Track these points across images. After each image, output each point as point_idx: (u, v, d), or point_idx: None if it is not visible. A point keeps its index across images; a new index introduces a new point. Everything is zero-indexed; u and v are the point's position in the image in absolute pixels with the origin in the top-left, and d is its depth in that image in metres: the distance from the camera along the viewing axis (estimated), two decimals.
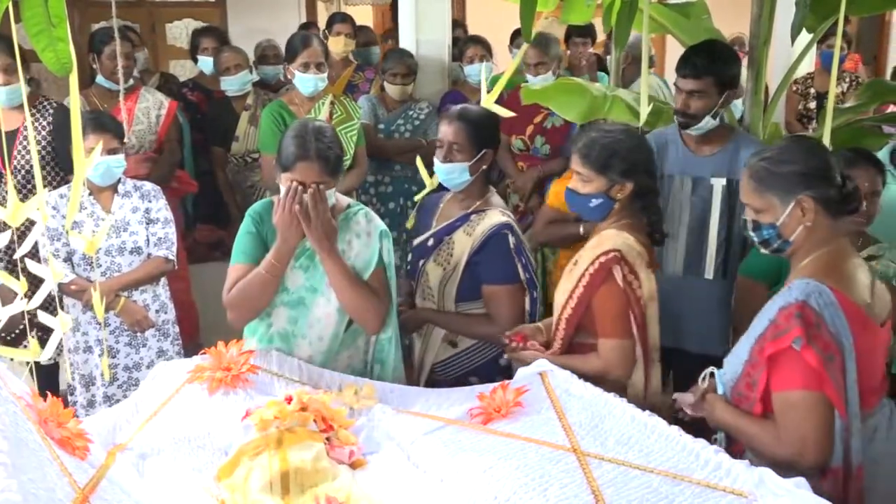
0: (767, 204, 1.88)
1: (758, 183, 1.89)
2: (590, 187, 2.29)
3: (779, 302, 1.85)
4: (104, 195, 3.14)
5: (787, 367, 1.81)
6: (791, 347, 1.79)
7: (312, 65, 3.63)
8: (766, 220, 1.90)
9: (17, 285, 1.69)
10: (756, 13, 3.07)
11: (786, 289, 1.87)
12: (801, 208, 1.84)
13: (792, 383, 1.81)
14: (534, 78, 4.07)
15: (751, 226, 1.94)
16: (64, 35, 1.55)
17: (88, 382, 3.18)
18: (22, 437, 1.53)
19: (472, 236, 2.55)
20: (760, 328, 1.88)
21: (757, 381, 1.88)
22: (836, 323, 1.81)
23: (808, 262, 1.88)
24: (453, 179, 2.59)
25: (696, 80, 2.76)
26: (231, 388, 2.13)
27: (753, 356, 1.89)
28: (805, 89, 5.19)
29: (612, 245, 2.24)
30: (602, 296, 2.24)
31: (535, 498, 1.65)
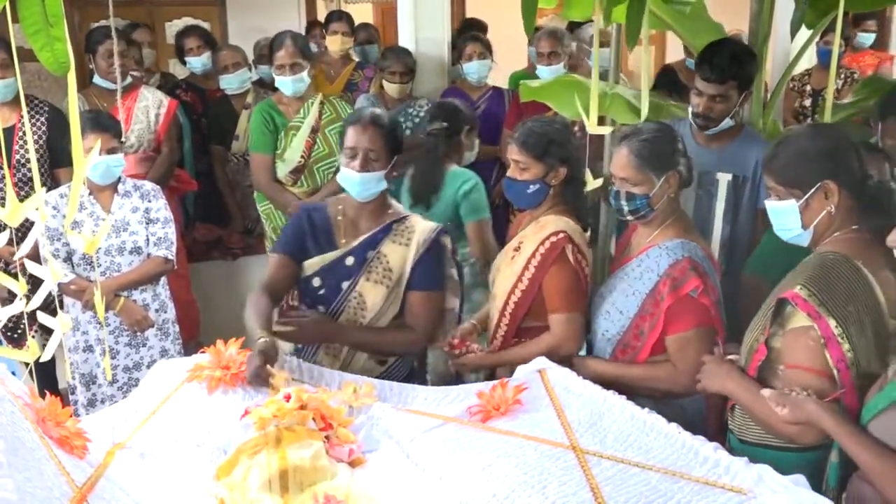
0: (645, 178, 2.23)
1: (639, 160, 2.22)
2: (528, 174, 2.43)
3: (665, 260, 2.20)
4: (104, 195, 3.14)
5: (685, 312, 2.18)
6: (689, 295, 2.17)
7: (287, 66, 3.65)
8: (641, 192, 2.24)
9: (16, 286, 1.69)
10: (756, 10, 3.06)
11: (662, 249, 2.23)
12: (668, 182, 2.24)
13: (688, 325, 2.19)
14: (546, 68, 4.06)
15: (624, 196, 2.26)
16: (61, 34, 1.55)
17: (89, 382, 3.19)
18: (19, 436, 1.53)
19: (410, 245, 2.45)
20: (648, 284, 2.23)
21: (647, 330, 2.24)
22: (710, 272, 2.23)
23: (669, 224, 2.28)
24: (369, 189, 2.43)
25: (720, 84, 2.74)
26: (230, 387, 2.13)
27: (646, 308, 2.24)
28: (801, 86, 5.18)
29: (556, 227, 2.42)
30: (553, 274, 2.41)
31: (534, 495, 1.65)
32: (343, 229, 2.50)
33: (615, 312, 2.33)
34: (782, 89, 3.44)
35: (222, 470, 1.84)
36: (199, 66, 4.59)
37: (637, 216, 2.29)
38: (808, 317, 1.77)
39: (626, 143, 2.27)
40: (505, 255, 2.57)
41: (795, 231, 1.95)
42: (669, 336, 2.23)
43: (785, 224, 1.96)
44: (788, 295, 1.81)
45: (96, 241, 2.06)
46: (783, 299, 1.82)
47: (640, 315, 2.27)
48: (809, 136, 1.95)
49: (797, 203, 1.91)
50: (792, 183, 1.91)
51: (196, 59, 4.57)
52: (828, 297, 1.76)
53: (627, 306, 2.30)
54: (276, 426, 1.88)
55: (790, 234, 1.98)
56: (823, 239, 1.93)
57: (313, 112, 3.73)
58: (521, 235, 2.52)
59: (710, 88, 2.74)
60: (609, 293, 2.39)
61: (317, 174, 3.77)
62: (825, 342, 1.75)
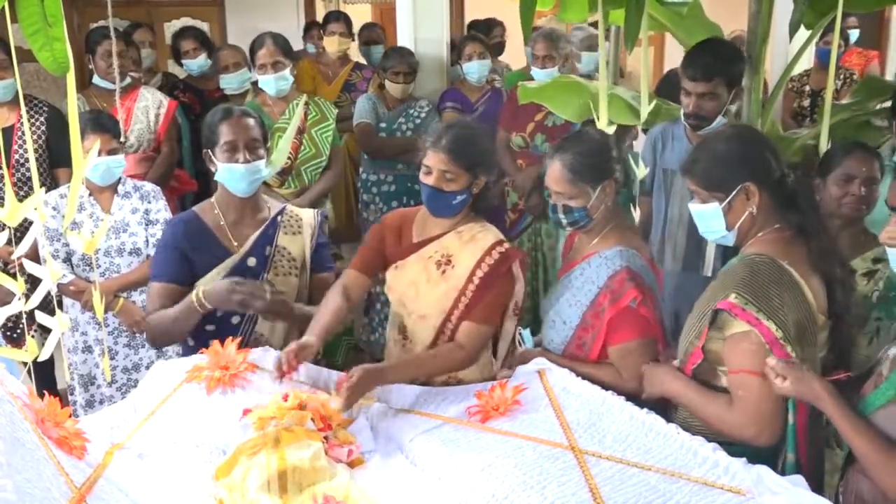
0: (580, 191, 2.20)
1: (573, 174, 2.19)
2: (455, 185, 2.25)
3: (605, 271, 2.18)
4: (104, 196, 3.14)
5: (625, 323, 2.15)
6: (628, 307, 2.14)
7: (268, 65, 3.66)
8: (578, 205, 2.21)
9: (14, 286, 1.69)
10: (754, 10, 3.06)
11: (602, 258, 2.21)
12: (605, 192, 2.21)
13: (629, 335, 2.15)
14: (540, 71, 4.07)
15: (562, 209, 2.23)
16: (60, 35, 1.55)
17: (87, 382, 3.18)
18: (18, 437, 1.52)
19: (303, 232, 2.54)
20: (589, 295, 2.20)
21: (590, 342, 2.21)
22: (649, 280, 2.22)
23: (610, 231, 2.26)
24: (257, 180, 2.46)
25: (706, 82, 2.76)
26: (229, 388, 2.13)
27: (587, 320, 2.21)
28: (800, 87, 5.18)
29: (494, 238, 2.31)
30: (498, 287, 2.29)
31: (533, 496, 1.65)
32: (229, 233, 2.48)
33: (559, 322, 2.31)
34: (781, 90, 3.44)
35: (221, 470, 1.84)
36: (195, 67, 4.59)
37: (577, 227, 2.27)
38: (748, 324, 1.79)
39: (559, 157, 2.22)
40: (423, 270, 2.32)
41: (720, 232, 1.99)
42: (612, 346, 2.21)
43: (710, 226, 2.00)
44: (725, 305, 1.82)
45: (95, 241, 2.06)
46: (718, 309, 1.84)
47: (582, 327, 2.24)
48: (728, 140, 1.99)
49: (720, 205, 1.94)
50: (714, 186, 1.95)
51: (192, 61, 4.57)
52: (763, 303, 1.79)
53: (570, 317, 2.28)
54: (275, 427, 1.88)
55: (715, 236, 2.02)
56: (748, 238, 1.96)
57: (298, 113, 3.73)
58: (441, 248, 2.32)
59: (698, 87, 2.77)
60: (556, 300, 2.35)
61: (304, 175, 3.77)
62: (769, 347, 1.78)
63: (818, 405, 1.70)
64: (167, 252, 2.45)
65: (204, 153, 2.51)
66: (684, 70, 2.83)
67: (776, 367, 1.74)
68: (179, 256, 2.42)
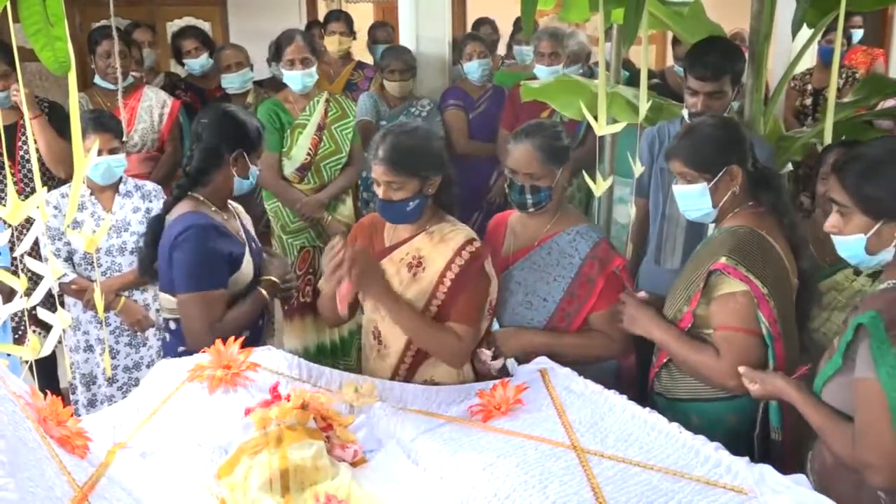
0: (548, 172, 2.35)
1: (544, 154, 2.34)
2: (403, 192, 2.22)
3: (584, 244, 2.37)
4: (105, 195, 3.14)
5: (612, 289, 2.36)
6: (614, 273, 2.37)
7: (297, 61, 3.65)
8: (544, 185, 2.36)
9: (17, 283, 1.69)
10: (757, 9, 3.06)
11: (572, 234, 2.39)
12: (563, 175, 2.39)
13: (614, 300, 2.34)
14: (545, 68, 4.06)
15: (529, 189, 2.36)
16: (62, 34, 1.55)
17: (89, 381, 3.19)
18: (20, 436, 1.52)
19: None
20: (571, 269, 2.36)
21: (574, 312, 2.37)
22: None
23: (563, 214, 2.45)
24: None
25: (714, 81, 2.75)
26: (231, 387, 2.13)
27: (573, 292, 2.36)
28: (802, 85, 5.17)
29: (465, 237, 2.28)
30: (470, 287, 2.26)
31: (535, 495, 1.65)
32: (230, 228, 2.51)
33: (538, 301, 2.40)
34: (783, 88, 3.44)
35: (223, 469, 1.84)
36: (197, 67, 4.58)
37: (538, 207, 2.39)
38: (740, 282, 2.03)
39: (529, 140, 2.36)
40: (395, 273, 2.31)
41: (705, 210, 2.21)
42: (600, 312, 2.38)
43: (696, 204, 2.21)
44: (719, 266, 2.06)
45: (96, 239, 2.06)
46: (713, 270, 2.07)
47: (567, 299, 2.38)
48: (715, 126, 2.21)
49: (708, 185, 2.17)
50: (702, 167, 2.17)
51: (194, 60, 4.56)
52: (751, 264, 2.05)
53: (551, 293, 2.39)
54: (277, 426, 1.88)
55: (699, 214, 2.24)
56: (726, 216, 2.21)
57: (319, 110, 3.74)
58: (412, 250, 2.31)
59: (707, 86, 2.76)
60: (519, 285, 2.43)
61: (323, 171, 3.78)
62: (758, 302, 2.03)
63: (783, 397, 1.91)
64: (215, 260, 2.40)
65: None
66: (690, 70, 2.82)
67: (747, 374, 1.99)
68: (225, 260, 2.42)
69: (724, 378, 2.07)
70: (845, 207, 1.76)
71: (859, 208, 1.73)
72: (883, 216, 1.71)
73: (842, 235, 1.79)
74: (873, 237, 1.73)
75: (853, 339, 1.68)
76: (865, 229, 1.74)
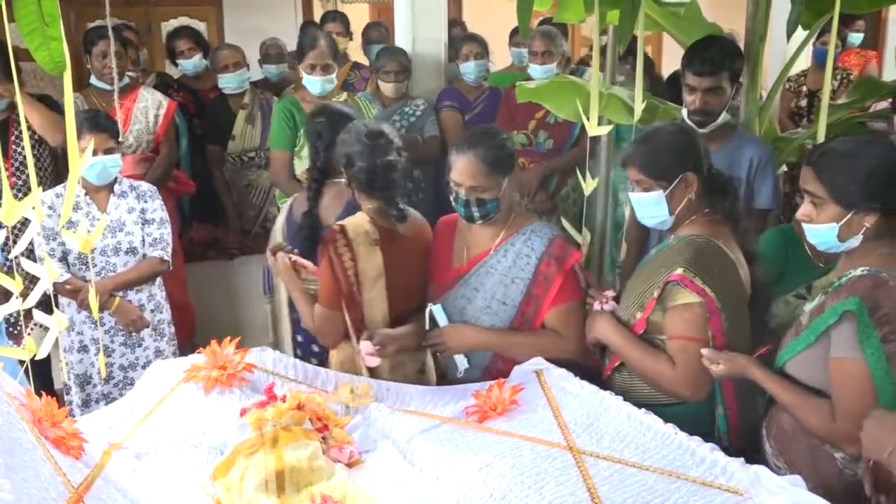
0: (494, 183, 2.30)
1: (488, 166, 2.28)
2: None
3: (539, 241, 2.34)
4: (100, 195, 3.13)
5: (568, 285, 2.33)
6: (573, 269, 2.34)
7: (319, 66, 3.63)
8: (491, 196, 2.30)
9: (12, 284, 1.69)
10: (752, 10, 3.06)
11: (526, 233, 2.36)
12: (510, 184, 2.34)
13: (572, 295, 2.34)
14: (539, 67, 4.06)
15: (475, 202, 2.31)
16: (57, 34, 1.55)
17: (84, 382, 3.18)
18: (15, 437, 1.52)
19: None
20: (529, 269, 2.32)
21: (532, 314, 2.34)
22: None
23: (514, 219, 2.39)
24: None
25: (712, 76, 2.74)
26: (227, 387, 2.13)
27: (531, 293, 2.33)
28: (797, 87, 5.18)
29: (341, 223, 2.41)
30: (320, 268, 2.43)
31: (531, 496, 1.65)
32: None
33: (497, 304, 2.35)
34: (778, 90, 3.44)
35: (219, 470, 1.84)
36: (191, 67, 4.57)
37: (486, 220, 2.34)
38: (697, 295, 2.05)
39: (473, 151, 2.29)
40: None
41: (662, 217, 2.21)
42: (555, 307, 2.33)
43: (652, 212, 2.21)
44: (677, 277, 2.07)
45: (91, 240, 2.06)
46: (669, 281, 2.09)
47: (525, 301, 2.34)
48: (670, 134, 2.22)
49: (664, 193, 2.17)
50: (658, 175, 2.17)
51: (188, 61, 4.55)
52: (707, 277, 2.07)
53: (510, 295, 2.35)
54: (272, 426, 1.88)
55: (656, 221, 2.23)
56: (682, 222, 2.21)
57: None
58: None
59: (705, 82, 2.75)
60: (477, 291, 2.38)
61: None
62: (709, 315, 2.06)
63: (747, 375, 1.98)
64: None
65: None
66: (688, 66, 2.81)
67: (709, 356, 2.03)
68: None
69: (678, 387, 2.11)
70: (818, 198, 1.84)
71: (832, 199, 1.81)
72: (854, 206, 1.80)
73: (813, 224, 1.87)
74: (844, 226, 1.82)
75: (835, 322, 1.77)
76: (838, 219, 1.82)
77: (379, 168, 2.42)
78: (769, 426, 2.00)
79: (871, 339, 1.71)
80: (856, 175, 1.79)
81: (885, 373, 1.71)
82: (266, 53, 4.80)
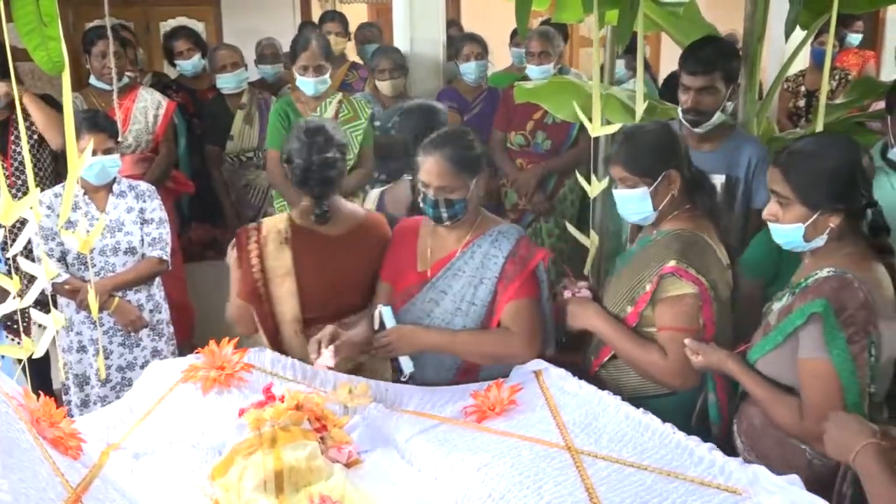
0: (462, 183, 2.27)
1: (456, 166, 2.26)
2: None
3: (505, 242, 2.31)
4: (99, 195, 3.13)
5: (527, 283, 2.29)
6: (536, 269, 2.30)
7: (311, 68, 3.63)
8: (459, 197, 2.27)
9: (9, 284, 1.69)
10: (750, 10, 3.06)
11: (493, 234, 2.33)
12: (478, 185, 2.32)
13: (525, 293, 2.29)
14: (536, 68, 4.06)
15: (444, 203, 2.27)
16: (56, 34, 1.55)
17: (82, 382, 3.18)
18: (13, 437, 1.52)
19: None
20: (496, 268, 2.29)
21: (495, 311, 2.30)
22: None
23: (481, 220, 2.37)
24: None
25: (705, 75, 2.74)
26: (225, 388, 2.13)
27: (499, 291, 2.29)
28: (796, 87, 5.18)
29: (260, 221, 2.53)
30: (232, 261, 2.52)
31: (530, 496, 1.65)
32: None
33: (466, 306, 2.32)
34: (776, 90, 3.45)
35: (217, 470, 1.84)
36: (190, 68, 4.57)
37: (454, 220, 2.31)
38: (692, 284, 2.10)
39: (440, 151, 2.27)
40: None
41: (646, 213, 2.25)
42: (510, 302, 2.29)
43: (637, 208, 2.25)
44: (671, 269, 2.12)
45: (90, 240, 2.06)
46: (663, 274, 2.13)
47: (493, 300, 2.31)
48: (653, 133, 2.26)
49: (648, 189, 2.21)
50: (643, 172, 2.21)
51: (187, 61, 4.55)
52: (699, 267, 2.12)
53: (479, 296, 2.31)
54: (271, 427, 1.88)
55: (640, 217, 2.28)
56: (665, 218, 2.26)
57: (330, 110, 3.71)
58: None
59: (697, 81, 2.75)
60: (443, 294, 2.34)
61: None
62: (702, 304, 2.11)
63: (724, 369, 2.03)
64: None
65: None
66: (683, 66, 2.82)
67: (691, 346, 2.08)
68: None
69: (669, 377, 2.15)
70: (785, 198, 1.88)
71: (798, 199, 1.86)
72: (820, 207, 1.84)
73: (780, 224, 1.90)
74: (810, 226, 1.86)
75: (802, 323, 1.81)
76: (804, 219, 1.86)
77: (314, 165, 2.44)
78: (740, 421, 2.05)
79: (838, 341, 1.75)
80: (821, 176, 1.83)
81: (851, 373, 1.75)
82: (261, 54, 4.80)
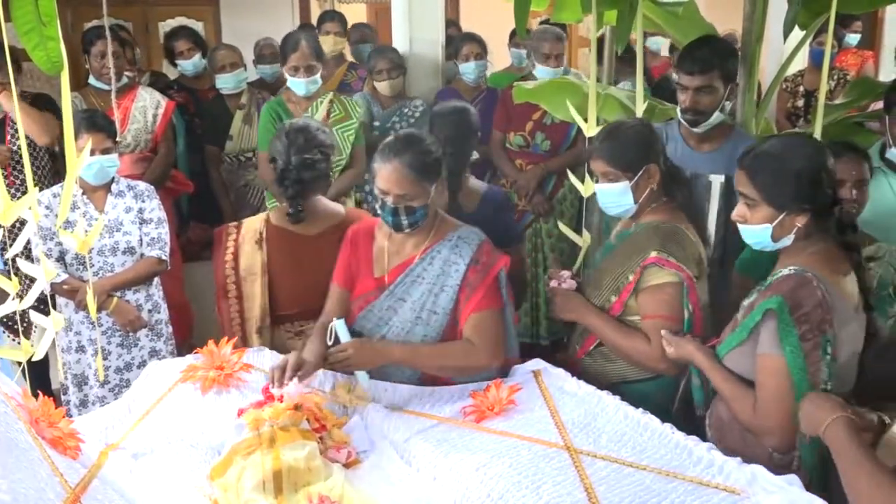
0: (422, 190, 2.20)
1: (416, 173, 2.19)
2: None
3: (466, 248, 2.26)
4: (97, 195, 3.13)
5: (490, 293, 2.24)
6: (497, 277, 2.26)
7: (301, 68, 3.63)
8: (419, 204, 2.21)
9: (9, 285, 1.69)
10: (749, 10, 3.07)
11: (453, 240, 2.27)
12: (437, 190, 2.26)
13: (491, 305, 2.25)
14: (549, 70, 4.04)
15: (404, 211, 2.21)
16: (55, 34, 1.55)
17: (81, 382, 3.17)
18: (12, 437, 1.52)
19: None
20: (457, 276, 2.24)
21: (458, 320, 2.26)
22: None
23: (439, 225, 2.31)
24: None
25: (703, 75, 2.74)
26: (224, 388, 2.13)
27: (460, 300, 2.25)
28: (794, 87, 5.19)
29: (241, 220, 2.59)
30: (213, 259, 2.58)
31: (529, 495, 1.65)
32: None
33: (427, 314, 2.25)
34: (775, 90, 3.45)
35: (216, 471, 1.84)
36: (190, 68, 4.56)
37: (415, 228, 2.23)
38: (675, 272, 2.19)
39: (398, 158, 2.18)
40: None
41: (626, 206, 2.34)
42: (475, 313, 2.22)
43: (618, 202, 2.33)
44: (653, 260, 2.21)
45: (89, 240, 2.05)
46: (646, 264, 2.21)
47: (455, 308, 2.24)
48: (634, 129, 2.35)
49: (630, 183, 2.29)
50: (624, 167, 2.29)
51: (187, 61, 4.55)
52: (681, 256, 2.21)
53: (440, 304, 2.24)
54: (270, 427, 1.88)
55: (620, 210, 2.36)
56: (644, 211, 2.34)
57: (322, 111, 3.71)
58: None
59: (695, 81, 2.75)
60: (403, 302, 2.27)
61: None
62: (688, 289, 2.20)
63: (693, 361, 2.09)
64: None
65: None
66: (680, 65, 2.82)
67: (666, 337, 2.16)
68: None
69: (654, 362, 2.24)
70: (752, 199, 1.92)
71: (765, 200, 1.90)
72: (786, 208, 1.88)
73: (748, 225, 1.95)
74: (777, 227, 1.90)
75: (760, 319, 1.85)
76: (771, 220, 1.90)
77: (293, 165, 2.45)
78: (710, 415, 2.08)
79: (790, 337, 1.79)
80: (786, 177, 1.87)
81: (802, 370, 1.78)
82: (260, 54, 4.80)
